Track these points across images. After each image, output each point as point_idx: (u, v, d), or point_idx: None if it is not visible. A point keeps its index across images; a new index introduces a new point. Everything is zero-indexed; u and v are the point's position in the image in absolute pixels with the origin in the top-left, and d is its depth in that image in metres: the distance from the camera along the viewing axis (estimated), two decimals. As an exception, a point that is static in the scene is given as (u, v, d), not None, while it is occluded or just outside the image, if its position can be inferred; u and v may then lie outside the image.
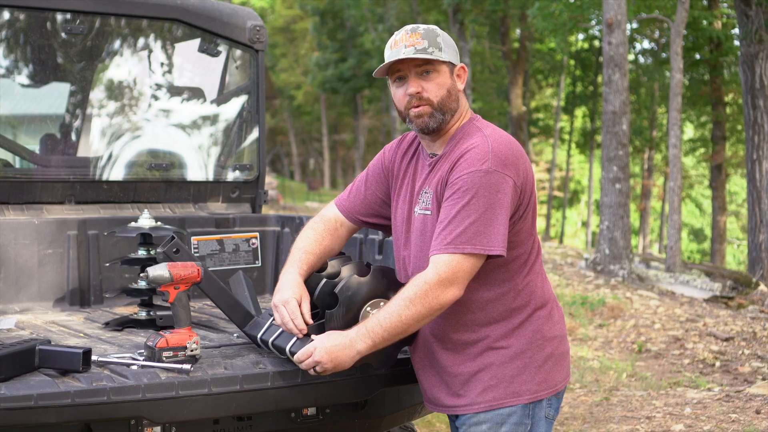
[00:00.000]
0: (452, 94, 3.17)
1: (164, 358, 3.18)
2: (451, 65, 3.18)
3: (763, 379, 7.87)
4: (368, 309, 3.22)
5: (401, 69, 3.16)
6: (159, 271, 3.25)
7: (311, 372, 3.10)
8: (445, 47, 3.15)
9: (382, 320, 3.00)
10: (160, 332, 3.26)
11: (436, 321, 3.19)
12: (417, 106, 3.16)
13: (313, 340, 3.18)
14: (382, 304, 3.22)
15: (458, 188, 3.01)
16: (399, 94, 3.19)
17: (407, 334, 3.05)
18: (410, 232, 3.26)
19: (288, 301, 3.19)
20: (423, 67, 3.13)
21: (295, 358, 3.12)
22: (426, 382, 3.31)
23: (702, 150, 33.73)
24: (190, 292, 3.36)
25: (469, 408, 3.16)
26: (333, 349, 3.03)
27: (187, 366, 3.16)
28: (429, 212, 3.16)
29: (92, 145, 5.14)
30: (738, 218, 43.23)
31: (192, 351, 3.24)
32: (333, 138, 56.82)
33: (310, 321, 3.19)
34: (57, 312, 4.60)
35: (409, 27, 3.18)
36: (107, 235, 4.75)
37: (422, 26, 3.17)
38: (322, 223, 3.52)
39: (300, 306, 3.20)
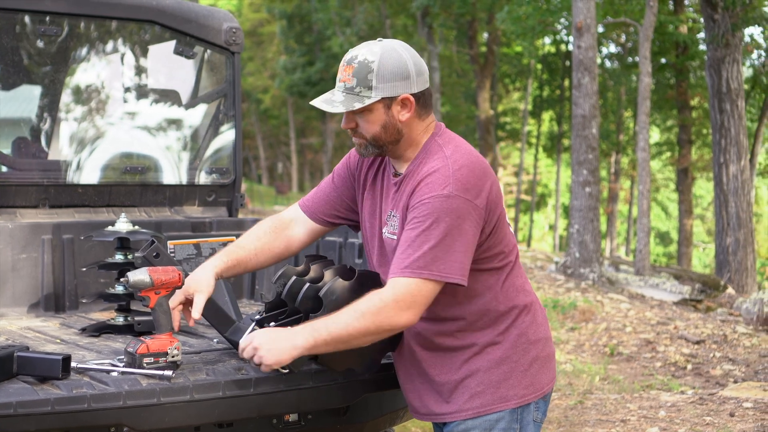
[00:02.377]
0: (388, 129, 3.08)
1: (145, 365, 3.13)
2: (388, 99, 3.06)
3: (735, 381, 7.91)
4: None
5: None
6: (139, 275, 3.20)
7: (252, 364, 3.07)
8: (379, 82, 3.02)
9: (329, 324, 2.97)
10: (140, 338, 3.21)
11: (422, 330, 3.16)
12: (354, 137, 3.15)
13: None
14: None
15: (419, 212, 2.96)
16: (342, 123, 3.18)
17: (350, 346, 3.01)
18: (383, 255, 3.23)
19: (174, 297, 3.22)
20: None
21: (240, 346, 3.09)
22: (412, 391, 3.28)
23: (668, 154, 33.98)
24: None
25: (456, 415, 3.13)
26: (273, 336, 3.02)
27: (168, 372, 3.11)
28: (395, 237, 3.12)
29: (66, 148, 5.08)
30: (704, 221, 43.59)
31: (173, 357, 3.19)
32: (300, 142, 56.73)
33: (197, 316, 3.20)
34: (32, 318, 4.53)
35: (348, 56, 3.09)
36: (84, 239, 4.69)
37: (360, 57, 3.05)
38: (269, 221, 3.49)
39: (183, 304, 3.24)
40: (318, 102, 3.08)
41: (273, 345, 3.01)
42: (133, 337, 3.31)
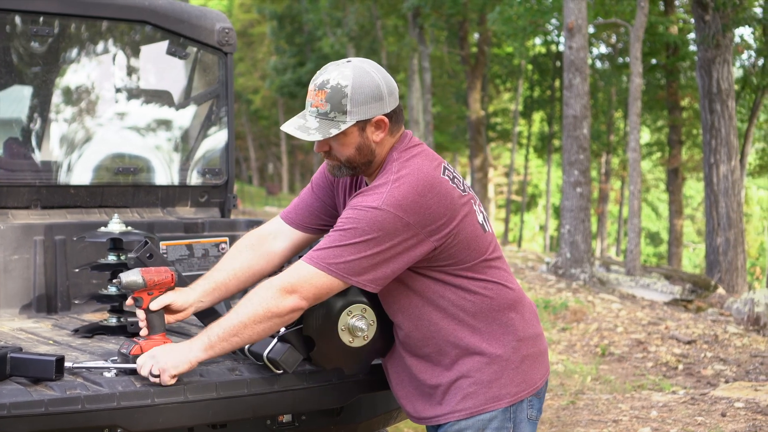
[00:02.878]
0: (363, 150, 3.09)
1: None
2: (363, 122, 3.06)
3: (726, 381, 7.93)
4: (348, 313, 3.18)
5: None
6: (132, 276, 3.19)
7: (150, 377, 3.06)
8: (353, 106, 3.02)
9: (222, 321, 3.01)
10: (134, 339, 3.21)
11: (408, 336, 3.17)
12: (327, 159, 3.16)
13: (289, 346, 3.16)
14: (363, 309, 3.20)
15: (345, 216, 2.99)
16: (314, 147, 3.17)
17: (245, 339, 3.01)
18: None
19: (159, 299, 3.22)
20: None
21: (138, 364, 3.09)
22: (405, 396, 3.28)
23: (658, 154, 34.05)
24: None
25: (449, 416, 3.13)
26: (170, 347, 3.07)
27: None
28: None
29: (58, 149, 5.06)
30: (694, 222, 43.70)
31: None
32: (291, 142, 56.66)
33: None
34: (24, 319, 4.52)
35: (319, 80, 3.06)
36: (76, 240, 4.68)
37: (332, 81, 3.03)
38: (246, 239, 3.49)
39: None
40: (291, 129, 3.07)
41: (170, 354, 3.04)
42: (126, 339, 3.30)
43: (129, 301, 3.28)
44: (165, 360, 3.02)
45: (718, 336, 9.94)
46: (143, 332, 3.21)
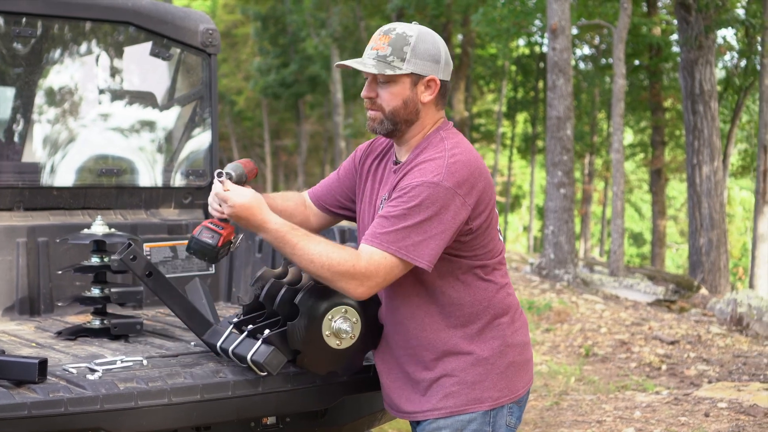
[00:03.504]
0: (409, 106, 3.10)
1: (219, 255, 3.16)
2: (416, 76, 3.08)
3: (710, 382, 7.95)
4: (330, 318, 3.18)
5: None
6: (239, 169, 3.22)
7: (215, 207, 3.09)
8: (412, 57, 3.05)
9: (301, 241, 2.97)
10: (211, 226, 3.16)
11: (398, 325, 3.17)
12: (369, 109, 3.14)
13: (273, 348, 3.15)
14: (344, 310, 3.19)
15: (405, 193, 2.97)
16: (363, 91, 3.17)
17: (302, 263, 2.99)
18: None
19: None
20: (381, 74, 3.08)
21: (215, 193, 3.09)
22: (388, 386, 3.28)
23: (641, 155, 34.09)
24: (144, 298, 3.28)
25: (429, 414, 3.13)
26: (252, 201, 3.03)
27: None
28: None
29: (41, 150, 5.04)
30: (677, 222, 43.81)
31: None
32: (275, 143, 56.58)
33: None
34: (6, 321, 4.51)
35: (386, 27, 3.12)
36: (59, 242, 4.66)
37: (399, 29, 3.09)
38: (295, 192, 3.57)
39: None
40: (348, 61, 3.09)
41: (248, 204, 3.02)
42: (205, 228, 3.20)
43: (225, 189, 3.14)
44: (237, 203, 3.02)
45: (701, 336, 9.97)
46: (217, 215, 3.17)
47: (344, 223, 3.96)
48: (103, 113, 5.20)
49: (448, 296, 3.11)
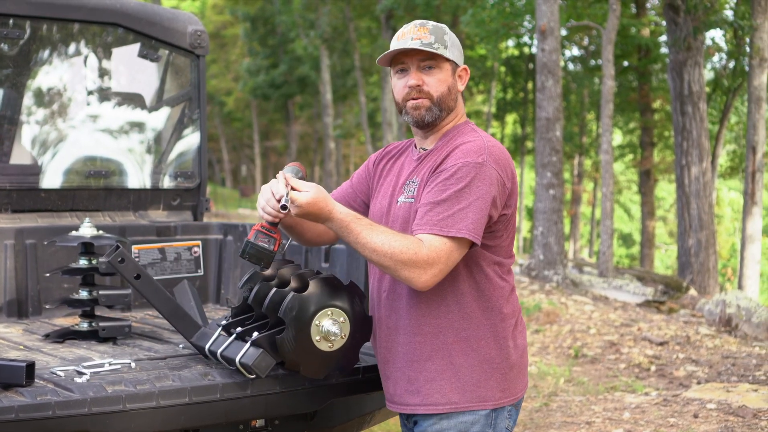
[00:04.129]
0: (452, 92, 3.20)
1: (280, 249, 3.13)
2: (454, 64, 3.20)
3: (698, 383, 7.96)
4: (317, 323, 3.17)
5: (405, 61, 3.17)
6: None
7: (268, 210, 3.06)
8: (451, 46, 3.17)
9: (365, 230, 2.96)
10: (268, 231, 3.13)
11: (405, 310, 3.14)
12: (416, 98, 3.17)
13: (262, 350, 3.14)
14: (330, 312, 3.18)
15: (452, 174, 3.00)
16: (399, 85, 3.19)
17: (364, 256, 2.99)
18: (389, 223, 3.20)
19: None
20: (426, 62, 3.15)
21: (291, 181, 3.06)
22: (390, 376, 3.23)
23: (630, 156, 34.17)
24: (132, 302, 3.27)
25: (432, 408, 3.09)
26: (322, 192, 3.00)
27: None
28: (412, 200, 3.14)
29: (29, 152, 5.03)
30: (666, 223, 43.92)
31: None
32: (264, 144, 56.59)
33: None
34: (-6, 323, 4.49)
35: (418, 21, 3.19)
36: (47, 244, 4.64)
37: (432, 22, 3.19)
38: None
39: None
40: (402, 46, 3.13)
41: (320, 195, 2.99)
42: (260, 233, 3.18)
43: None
44: (305, 203, 2.99)
45: (690, 337, 9.99)
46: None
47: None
48: (92, 115, 5.19)
49: (467, 286, 3.11)
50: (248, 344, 3.18)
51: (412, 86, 3.15)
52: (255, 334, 3.17)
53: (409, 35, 3.14)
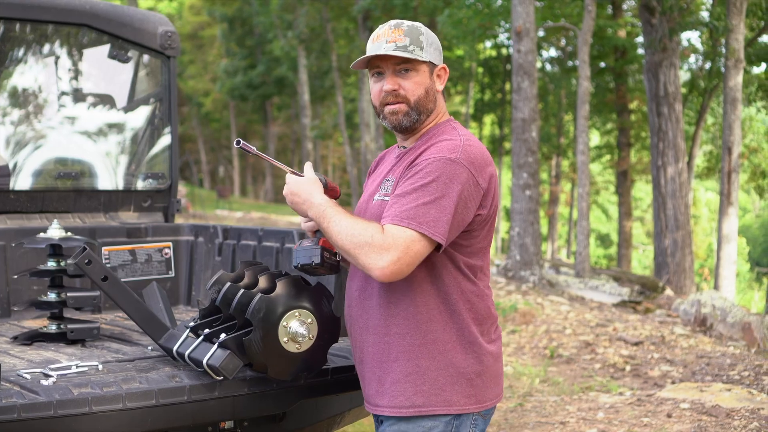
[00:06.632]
0: (430, 94, 3.14)
1: (326, 257, 3.13)
2: (432, 65, 3.15)
3: (673, 382, 7.99)
4: (285, 324, 3.16)
5: (380, 65, 3.12)
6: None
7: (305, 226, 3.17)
8: (428, 46, 3.12)
9: (335, 215, 2.99)
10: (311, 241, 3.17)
11: (375, 309, 3.10)
12: (393, 103, 3.12)
13: (229, 352, 3.12)
14: (297, 314, 3.17)
15: (421, 169, 2.96)
16: (376, 89, 3.15)
17: (331, 240, 3.01)
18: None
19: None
20: (402, 65, 3.09)
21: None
22: (363, 376, 3.20)
23: (608, 156, 34.30)
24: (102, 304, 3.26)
25: (396, 410, 3.05)
26: (308, 179, 3.11)
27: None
28: (387, 198, 3.09)
29: (-1, 154, 5.00)
30: (643, 223, 44.10)
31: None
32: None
33: None
34: (-38, 326, 4.46)
35: (393, 22, 3.14)
36: (15, 246, 4.61)
37: (407, 23, 3.13)
38: None
39: None
40: (374, 52, 3.10)
41: (290, 190, 3.10)
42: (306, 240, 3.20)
43: None
44: (296, 193, 3.09)
45: (665, 337, 10.02)
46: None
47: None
48: (62, 116, 5.16)
49: (433, 287, 3.05)
50: (216, 346, 3.17)
51: (388, 91, 3.10)
52: (222, 335, 3.16)
53: (384, 37, 3.10)
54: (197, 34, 49.49)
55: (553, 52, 32.99)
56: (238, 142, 3.16)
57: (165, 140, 5.39)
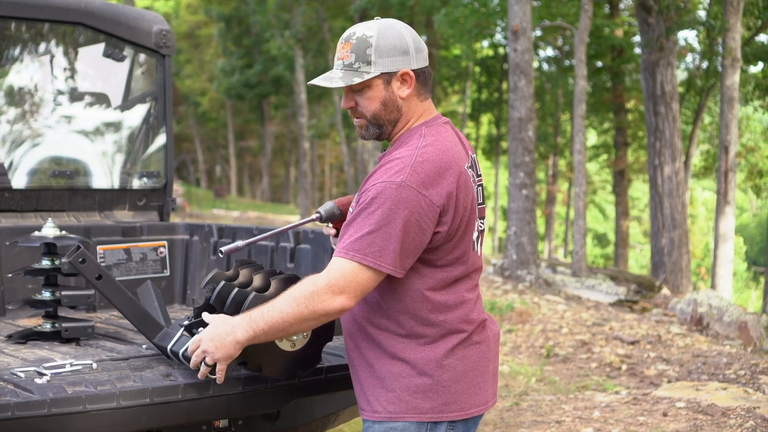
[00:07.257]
0: (389, 105, 3.02)
1: None
2: (387, 75, 3.00)
3: (669, 381, 8.00)
4: None
5: None
6: (329, 207, 3.28)
7: (203, 369, 3.01)
8: (377, 58, 2.98)
9: (265, 313, 2.89)
10: None
11: (357, 314, 3.07)
12: (355, 118, 3.08)
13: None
14: None
15: (367, 195, 2.88)
16: (342, 103, 3.10)
17: (289, 333, 2.95)
18: None
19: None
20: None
21: (188, 351, 3.06)
22: (353, 380, 3.19)
23: (605, 156, 34.28)
24: (97, 302, 3.26)
25: (372, 414, 3.04)
26: (216, 336, 2.95)
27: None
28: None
29: (-7, 152, 4.99)
30: (640, 223, 44.08)
31: None
32: (239, 145, 56.45)
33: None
34: (-44, 325, 4.45)
35: (346, 33, 3.04)
36: (9, 244, 4.61)
37: (358, 33, 3.01)
38: None
39: None
40: (317, 80, 3.03)
41: (219, 343, 2.94)
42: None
43: (329, 230, 3.35)
44: (217, 352, 2.96)
45: (661, 336, 10.03)
46: None
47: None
48: (57, 115, 5.15)
49: (401, 304, 3.00)
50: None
51: (345, 108, 3.07)
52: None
53: (337, 53, 3.05)
54: (194, 33, 49.45)
55: (549, 52, 32.97)
56: (221, 252, 3.20)
57: (160, 139, 5.39)
